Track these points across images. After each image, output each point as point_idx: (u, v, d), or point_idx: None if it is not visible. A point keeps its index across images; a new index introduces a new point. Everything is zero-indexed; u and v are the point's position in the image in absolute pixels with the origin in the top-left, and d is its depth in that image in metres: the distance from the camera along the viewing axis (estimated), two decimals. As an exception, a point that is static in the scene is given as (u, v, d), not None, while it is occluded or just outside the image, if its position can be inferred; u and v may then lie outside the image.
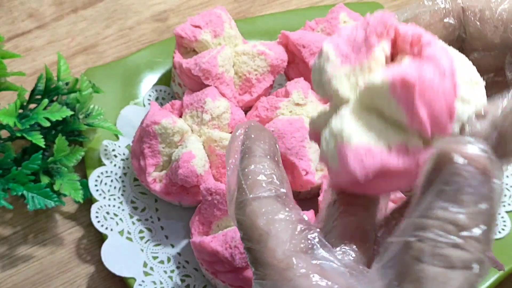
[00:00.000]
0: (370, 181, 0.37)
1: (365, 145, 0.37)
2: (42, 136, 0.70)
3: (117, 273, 0.70)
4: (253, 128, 0.43)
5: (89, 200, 0.74)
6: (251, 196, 0.40)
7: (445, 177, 0.35)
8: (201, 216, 0.69)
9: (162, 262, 0.72)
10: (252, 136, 0.43)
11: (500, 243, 0.74)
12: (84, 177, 0.75)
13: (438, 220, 0.34)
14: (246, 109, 0.77)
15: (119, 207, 0.73)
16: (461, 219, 0.34)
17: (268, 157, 0.42)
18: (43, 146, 0.71)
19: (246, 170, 0.41)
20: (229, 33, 0.76)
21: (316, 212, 0.71)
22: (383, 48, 0.40)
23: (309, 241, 0.38)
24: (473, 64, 0.41)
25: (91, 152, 0.76)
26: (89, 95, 0.74)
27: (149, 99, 0.79)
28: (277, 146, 0.44)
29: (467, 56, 0.42)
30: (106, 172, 0.75)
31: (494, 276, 0.72)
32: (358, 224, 0.40)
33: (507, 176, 0.77)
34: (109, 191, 0.74)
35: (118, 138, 0.77)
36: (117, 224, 0.72)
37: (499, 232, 0.74)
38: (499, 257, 0.73)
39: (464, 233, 0.34)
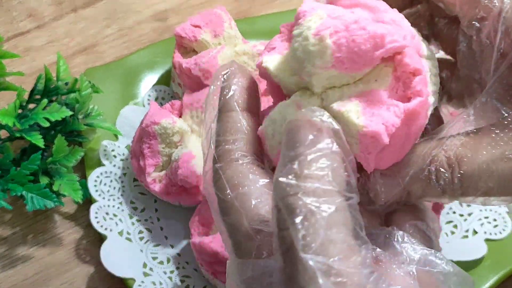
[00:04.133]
0: None
1: None
2: (41, 136, 0.70)
3: (117, 273, 0.70)
4: (230, 76, 0.42)
5: (88, 201, 0.74)
6: (222, 164, 0.39)
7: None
8: (201, 216, 0.69)
9: (161, 262, 0.72)
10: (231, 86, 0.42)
11: (500, 243, 0.73)
12: (84, 178, 0.75)
13: None
14: (246, 109, 0.77)
15: (118, 208, 0.73)
16: None
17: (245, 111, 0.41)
18: (43, 146, 0.70)
19: (219, 134, 0.40)
20: (229, 33, 0.76)
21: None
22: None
23: None
24: None
25: (91, 152, 0.76)
26: (88, 95, 0.74)
27: (148, 99, 0.79)
28: (259, 91, 0.42)
29: None
30: (106, 172, 0.74)
31: (495, 277, 0.72)
32: None
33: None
34: (108, 191, 0.74)
35: (117, 138, 0.77)
36: (117, 224, 0.72)
37: (500, 232, 0.74)
38: (499, 257, 0.73)
39: None
